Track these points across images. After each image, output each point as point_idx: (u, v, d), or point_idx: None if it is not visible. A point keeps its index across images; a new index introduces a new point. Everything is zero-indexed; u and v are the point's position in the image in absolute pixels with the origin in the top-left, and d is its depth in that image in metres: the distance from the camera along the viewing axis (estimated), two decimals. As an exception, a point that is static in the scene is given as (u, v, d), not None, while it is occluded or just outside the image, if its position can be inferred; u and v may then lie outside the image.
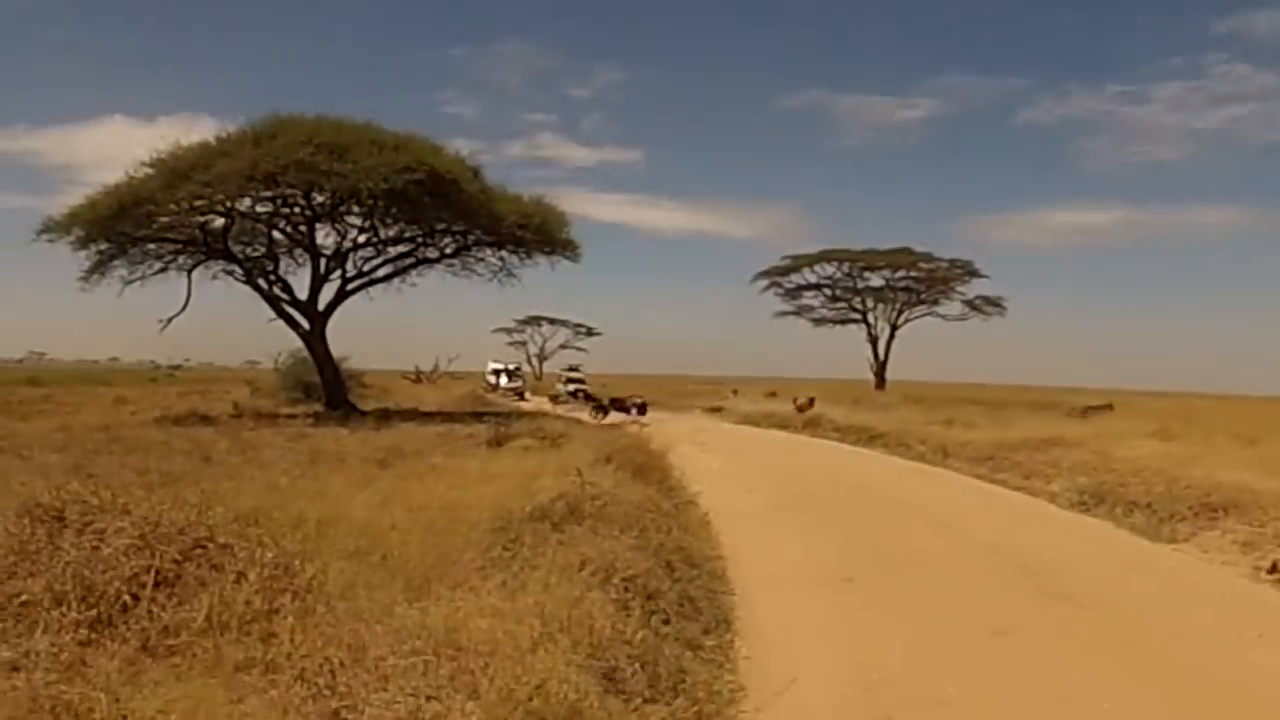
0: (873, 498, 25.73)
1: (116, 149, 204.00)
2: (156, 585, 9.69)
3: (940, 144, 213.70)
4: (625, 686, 9.09)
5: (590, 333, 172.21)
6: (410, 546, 12.23)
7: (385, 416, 46.03)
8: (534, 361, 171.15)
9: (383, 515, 14.14)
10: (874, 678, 11.14)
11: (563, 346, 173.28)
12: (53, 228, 47.69)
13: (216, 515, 11.42)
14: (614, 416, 54.87)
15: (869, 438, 44.68)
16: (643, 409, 50.29)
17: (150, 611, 9.29)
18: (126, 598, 9.44)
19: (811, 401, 61.81)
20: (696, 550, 16.61)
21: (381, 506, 14.95)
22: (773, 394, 77.11)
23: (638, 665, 9.48)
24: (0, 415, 43.97)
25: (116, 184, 47.21)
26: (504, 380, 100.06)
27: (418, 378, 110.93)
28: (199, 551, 10.36)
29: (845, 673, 11.38)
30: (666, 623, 11.51)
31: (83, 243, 48.30)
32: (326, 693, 7.83)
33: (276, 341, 74.78)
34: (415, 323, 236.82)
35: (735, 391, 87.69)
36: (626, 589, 11.47)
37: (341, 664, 8.21)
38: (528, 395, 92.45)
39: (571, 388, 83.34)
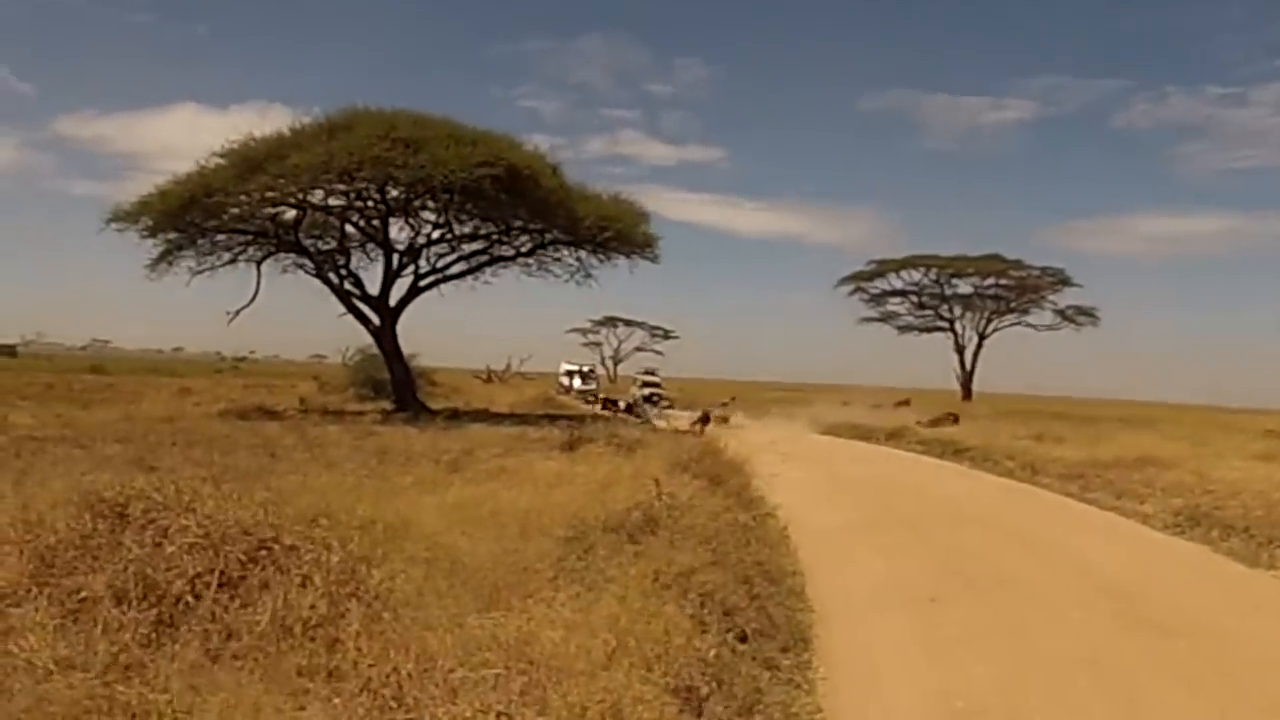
0: (958, 515, 25.43)
1: (186, 137, 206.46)
2: (220, 586, 9.73)
3: (1033, 147, 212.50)
4: (701, 706, 9.04)
5: (667, 335, 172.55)
6: (481, 554, 12.23)
7: (455, 416, 46.39)
8: (608, 364, 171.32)
9: (453, 520, 14.12)
10: (958, 705, 11.01)
11: (638, 349, 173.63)
12: (122, 216, 48.31)
13: (283, 516, 11.46)
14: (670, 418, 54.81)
15: (954, 451, 44.25)
16: (705, 419, 49.83)
17: (213, 613, 9.33)
18: (189, 598, 9.49)
19: (953, 418, 59.18)
20: (775, 566, 16.55)
21: (451, 511, 14.94)
22: (845, 403, 76.67)
23: (714, 684, 9.44)
24: (62, 403, 44.58)
25: (187, 173, 47.90)
26: (578, 383, 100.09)
27: (489, 377, 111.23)
28: (264, 553, 10.39)
29: (927, 698, 11.26)
30: (744, 640, 11.48)
31: (151, 232, 48.98)
32: (393, 704, 7.84)
33: (345, 337, 75.07)
34: (487, 321, 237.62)
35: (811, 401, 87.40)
36: (703, 604, 11.44)
37: (409, 674, 8.21)
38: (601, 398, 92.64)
39: (647, 392, 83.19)
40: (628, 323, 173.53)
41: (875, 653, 13.00)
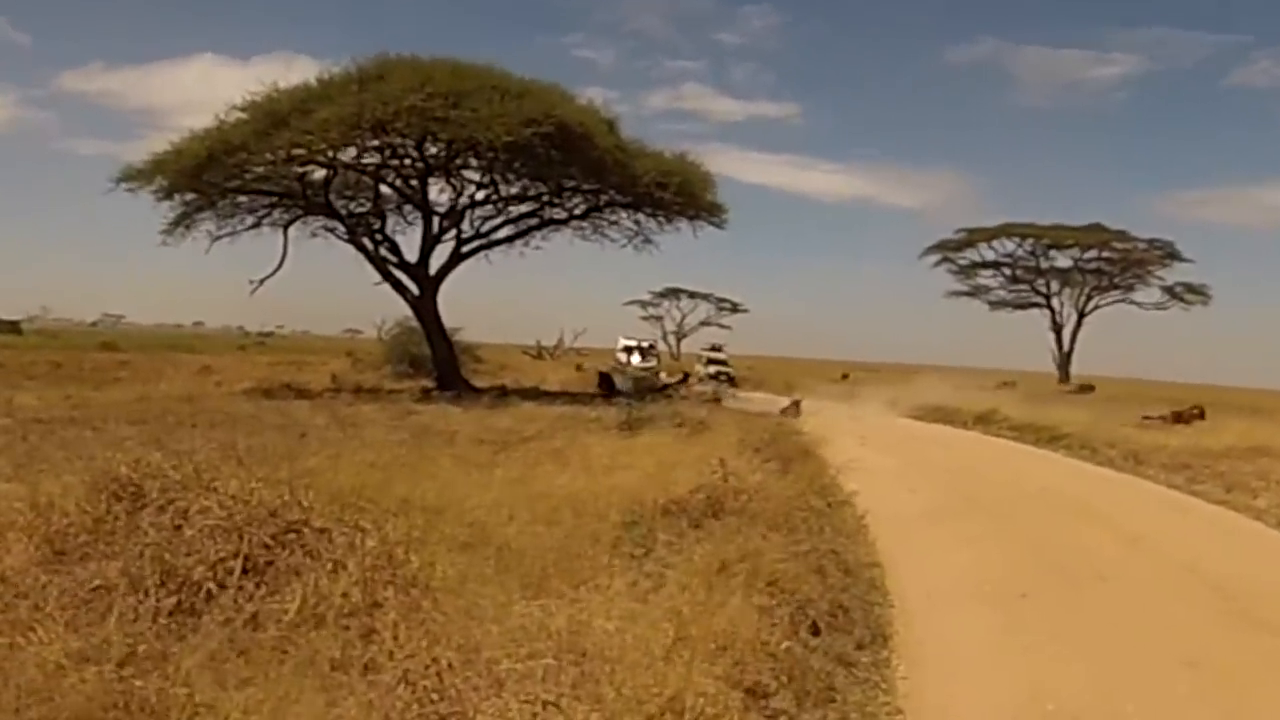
0: (1052, 505, 25.33)
1: (204, 91, 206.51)
2: (244, 572, 9.86)
3: (1139, 106, 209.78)
4: (769, 703, 9.07)
5: (734, 308, 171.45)
6: (529, 539, 12.36)
7: (502, 394, 46.29)
8: (670, 339, 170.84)
9: (498, 503, 14.22)
10: (1048, 708, 10.98)
11: (703, 324, 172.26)
12: (134, 176, 48.40)
13: (312, 497, 11.55)
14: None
15: (1050, 438, 43.87)
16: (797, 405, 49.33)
17: (237, 601, 9.45)
18: (211, 585, 9.61)
19: (1198, 413, 49.59)
20: (851, 555, 16.62)
21: (497, 493, 15.05)
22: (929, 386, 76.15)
23: (783, 679, 9.46)
24: (72, 383, 44.81)
25: (206, 129, 47.57)
26: (636, 359, 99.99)
27: (539, 353, 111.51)
28: (292, 536, 10.52)
29: (1016, 700, 11.23)
30: (816, 634, 11.52)
31: (167, 193, 49.10)
32: (434, 697, 7.88)
33: (381, 308, 75.68)
34: (538, 292, 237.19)
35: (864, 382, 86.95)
36: (772, 595, 11.48)
37: (450, 666, 8.27)
38: (664, 377, 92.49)
39: (713, 370, 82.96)
40: (691, 294, 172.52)
41: (959, 650, 12.98)
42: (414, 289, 53.82)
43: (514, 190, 54.78)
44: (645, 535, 13.06)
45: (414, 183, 54.07)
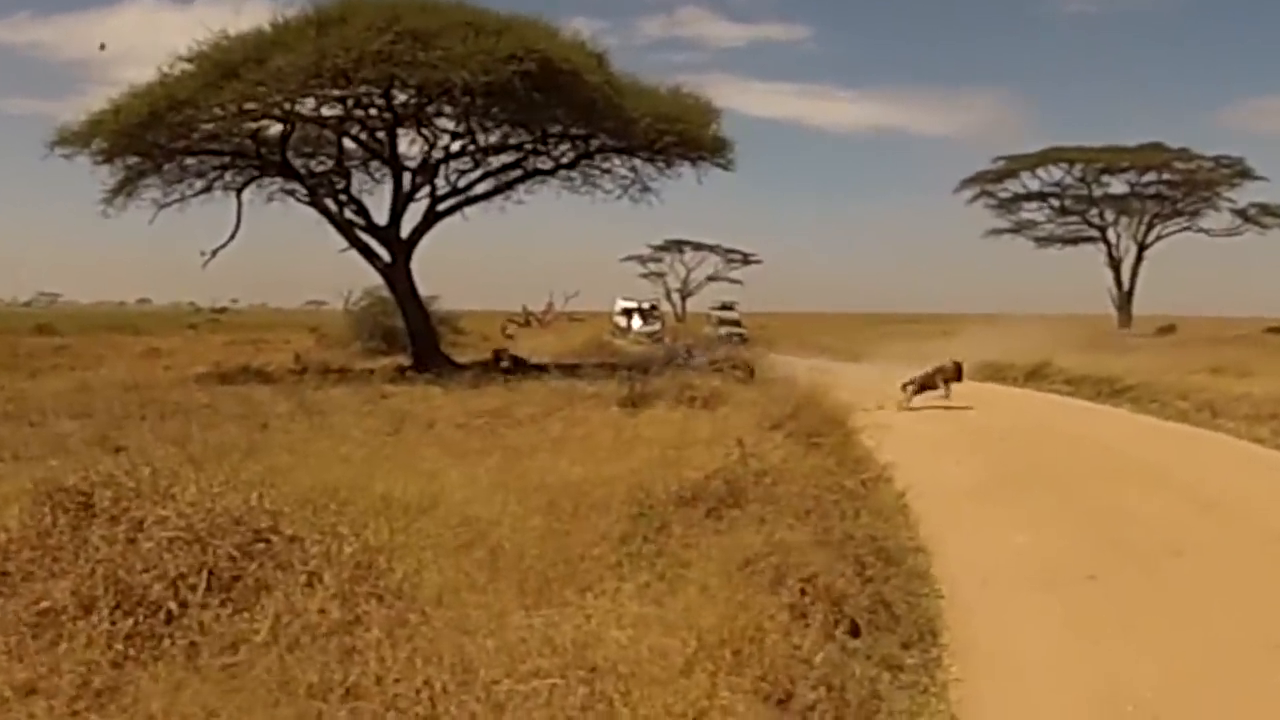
0: (1117, 470, 25.32)
1: (146, 40, 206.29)
2: (208, 588, 9.85)
3: (1203, 5, 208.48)
4: (806, 717, 9.05)
5: (746, 260, 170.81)
6: (526, 538, 12.34)
7: (487, 370, 46.22)
8: (675, 298, 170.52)
9: (490, 498, 14.24)
10: (1128, 709, 10.99)
11: (711, 279, 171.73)
12: (69, 139, 47.83)
13: (281, 499, 11.55)
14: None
15: (1111, 391, 43.73)
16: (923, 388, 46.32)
17: (201, 621, 9.44)
18: (171, 604, 9.60)
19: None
20: (892, 541, 16.60)
21: (488, 487, 15.07)
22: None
23: (821, 690, 9.44)
24: (3, 371, 44.62)
25: (148, 84, 47.10)
26: (637, 322, 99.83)
27: (527, 320, 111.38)
28: (260, 546, 10.52)
29: (1089, 701, 11.24)
30: (856, 635, 11.52)
31: (107, 156, 48.66)
32: (425, 725, 7.88)
33: (348, 278, 75.23)
34: (524, 252, 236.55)
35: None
36: (804, 592, 11.46)
37: (444, 689, 8.28)
38: (668, 341, 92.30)
39: (724, 331, 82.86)
40: (696, 247, 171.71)
41: (1021, 645, 13.01)
42: (384, 254, 53.34)
43: (493, 139, 54.36)
44: (657, 529, 13.03)
45: (381, 135, 53.58)
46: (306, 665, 8.79)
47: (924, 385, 40.29)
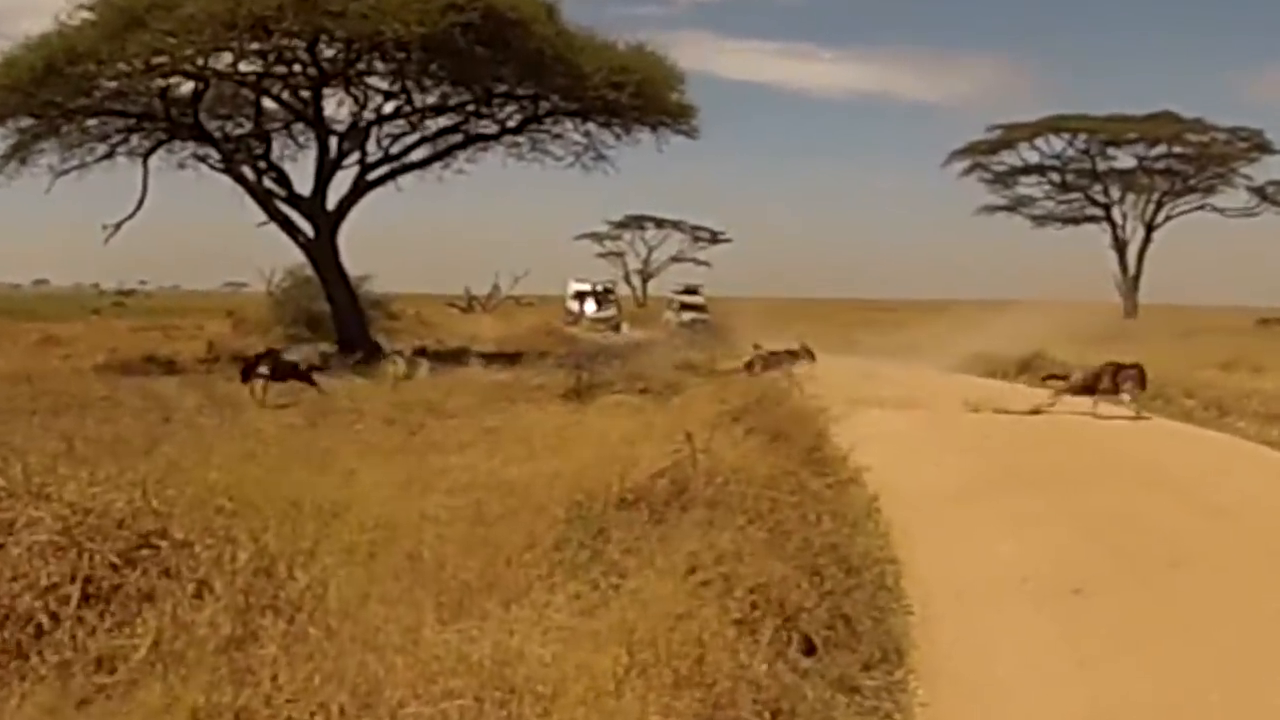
0: (1115, 472, 25.45)
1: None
2: (85, 600, 9.76)
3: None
4: (748, 747, 9.03)
5: (715, 239, 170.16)
6: (448, 544, 12.30)
7: (422, 358, 46.08)
8: (634, 280, 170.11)
9: (411, 500, 14.23)
10: (1114, 740, 11.00)
11: (675, 259, 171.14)
12: (-49, 98, 47.60)
13: (174, 500, 11.48)
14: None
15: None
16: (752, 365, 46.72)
17: (75, 637, 9.34)
18: (42, 618, 9.50)
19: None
20: (857, 549, 16.58)
21: (411, 487, 15.10)
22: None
23: (767, 716, 9.40)
24: None
25: (42, 35, 46.95)
26: (591, 307, 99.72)
27: (469, 305, 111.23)
28: (146, 552, 10.43)
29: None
30: (810, 654, 11.45)
31: (-4, 118, 48.45)
32: (321, 754, 7.84)
33: (270, 255, 75.03)
34: (465, 228, 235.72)
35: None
36: (754, 605, 11.36)
37: (343, 712, 8.23)
38: (625, 328, 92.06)
39: (688, 316, 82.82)
40: (660, 223, 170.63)
41: (998, 667, 12.95)
42: (307, 229, 53.20)
43: (430, 100, 54.10)
44: (594, 534, 12.99)
45: (305, 95, 53.31)
46: (192, 686, 8.66)
47: (1086, 388, 39.38)
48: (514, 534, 12.82)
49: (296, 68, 51.38)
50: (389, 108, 53.99)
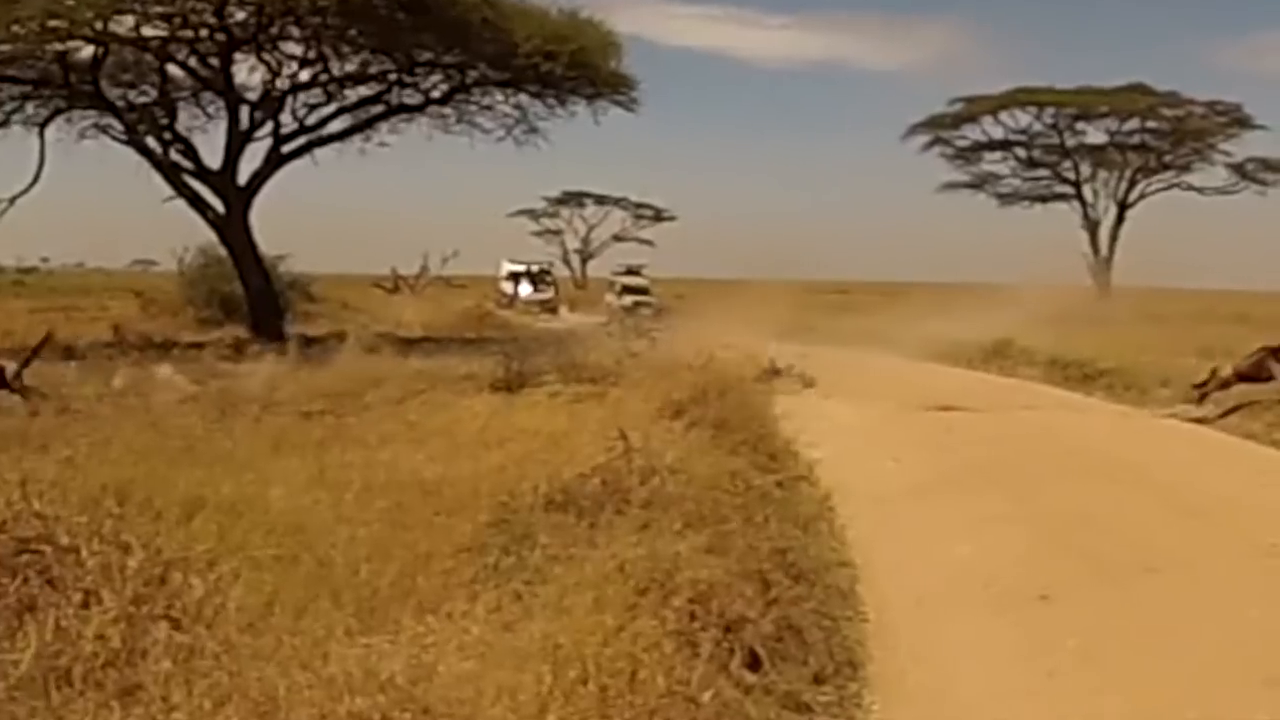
0: (1084, 468, 25.40)
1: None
2: (-44, 611, 9.59)
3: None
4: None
5: (659, 217, 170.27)
6: (361, 549, 12.21)
7: (343, 345, 45.93)
8: (573, 261, 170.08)
9: (324, 500, 14.09)
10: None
11: (617, 238, 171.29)
12: None
13: (60, 501, 11.33)
14: None
15: (1083, 376, 44.05)
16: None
17: (-57, 653, 9.17)
18: (-93, 632, 9.34)
19: None
20: (808, 553, 16.31)
21: (323, 485, 14.94)
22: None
23: (706, 737, 9.29)
24: None
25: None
26: (526, 289, 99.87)
27: (395, 286, 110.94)
28: (25, 559, 10.29)
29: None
30: (755, 668, 11.29)
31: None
32: (213, 781, 7.70)
33: (179, 233, 74.55)
34: (391, 204, 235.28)
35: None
36: (693, 616, 11.21)
37: (239, 733, 8.06)
38: (563, 312, 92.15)
39: (630, 299, 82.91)
40: (600, 200, 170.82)
41: (960, 679, 12.89)
42: (218, 205, 53.06)
43: (350, 68, 54.14)
44: (520, 538, 12.91)
45: (214, 61, 53.06)
46: (76, 706, 8.53)
47: (1247, 377, 37.82)
48: (433, 538, 12.77)
49: (204, 32, 51.12)
50: (304, 76, 54.04)
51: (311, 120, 54.54)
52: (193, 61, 53.27)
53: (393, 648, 9.35)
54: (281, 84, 53.80)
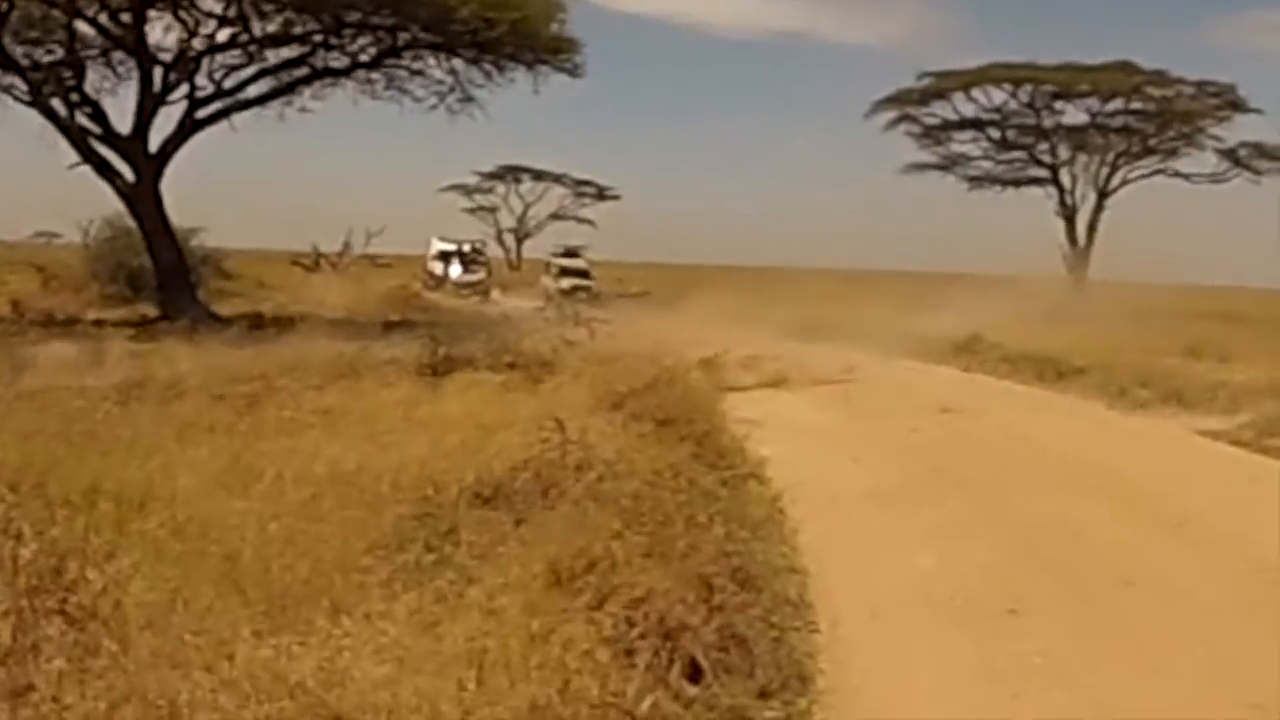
0: (1058, 475, 25.41)
1: None
2: None
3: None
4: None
5: (602, 195, 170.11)
6: (273, 544, 12.14)
7: (259, 326, 45.87)
8: (508, 240, 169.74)
9: (234, 491, 14.08)
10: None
11: (555, 217, 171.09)
12: None
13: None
14: None
15: (1058, 374, 44.06)
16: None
17: None
18: None
19: None
20: (756, 558, 16.32)
21: (233, 475, 14.91)
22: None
23: (642, 753, 9.28)
24: None
25: None
26: (456, 270, 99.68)
27: (316, 264, 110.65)
28: (-91, 550, 10.22)
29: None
30: (696, 680, 11.27)
31: None
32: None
33: (84, 203, 74.18)
34: (314, 176, 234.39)
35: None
36: (629, 622, 11.21)
37: (136, 742, 8.03)
38: (496, 295, 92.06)
39: (568, 283, 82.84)
40: (539, 176, 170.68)
41: (917, 698, 12.86)
42: (127, 173, 52.74)
43: (271, 28, 53.94)
44: (444, 534, 12.88)
45: (126, 19, 52.79)
46: (-40, 711, 8.52)
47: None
48: (351, 533, 12.72)
49: (115, -13, 50.85)
50: (223, 35, 53.85)
51: (229, 83, 54.40)
52: (103, 18, 52.99)
53: (303, 650, 9.31)
54: (198, 44, 53.68)
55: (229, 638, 9.55)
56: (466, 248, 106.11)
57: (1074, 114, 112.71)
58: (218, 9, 52.55)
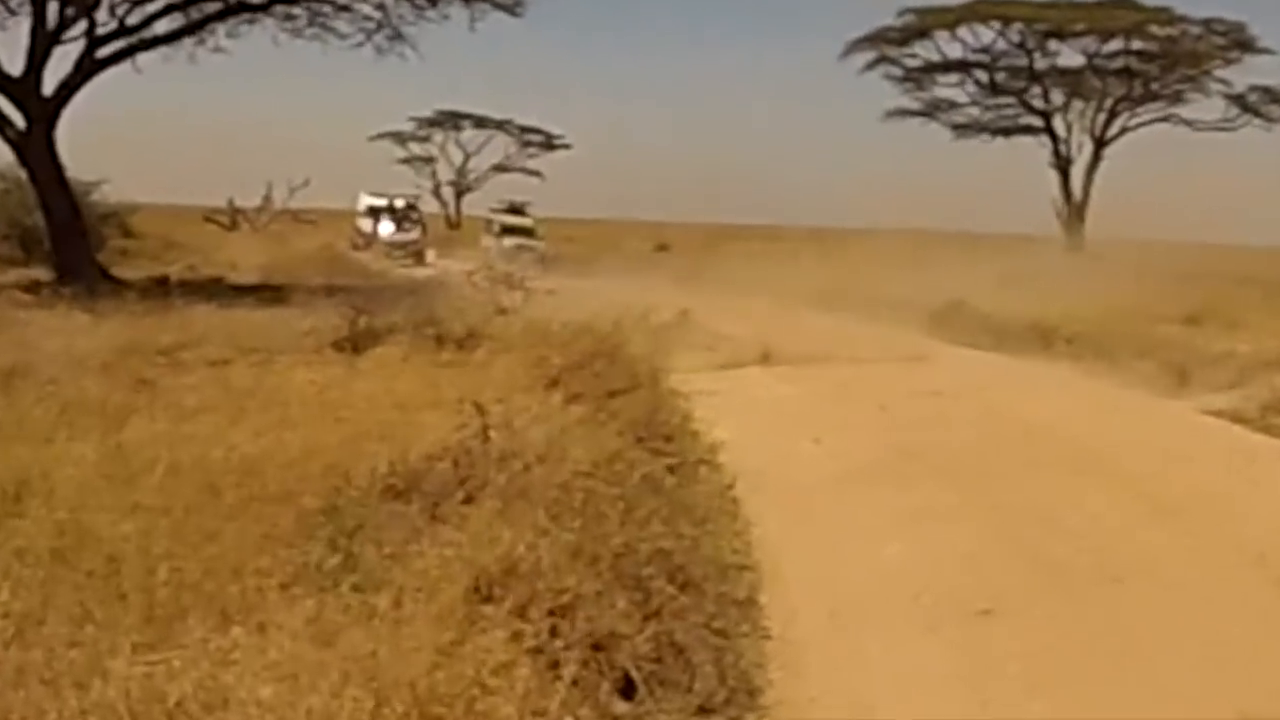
0: (1041, 456, 25.45)
1: None
2: None
3: None
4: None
5: (550, 144, 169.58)
6: (161, 543, 12.03)
7: (164, 292, 45.61)
8: (446, 195, 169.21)
9: (119, 482, 13.96)
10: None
11: (499, 168, 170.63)
12: None
13: None
14: None
15: (1045, 343, 44.11)
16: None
17: None
18: None
19: None
20: (699, 555, 16.15)
21: (119, 464, 14.82)
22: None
23: (564, 781, 9.22)
24: None
25: None
26: (388, 228, 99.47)
27: (233, 222, 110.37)
28: None
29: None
30: (629, 695, 11.22)
31: None
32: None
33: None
34: (228, 124, 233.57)
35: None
36: (554, 631, 11.13)
37: (-11, 773, 7.96)
38: (431, 256, 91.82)
39: (512, 242, 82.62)
40: (480, 123, 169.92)
41: (879, 710, 12.86)
42: (18, 119, 52.42)
43: (181, -43, 53.49)
44: (350, 532, 12.79)
45: (15, -52, 52.50)
46: None
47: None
48: (248, 531, 12.62)
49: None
50: (125, -33, 53.33)
51: (134, 19, 53.88)
52: (-12, -51, 52.68)
53: (187, 664, 9.21)
54: (96, -23, 53.24)
55: (104, 651, 9.46)
56: (399, 203, 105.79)
57: (1069, 55, 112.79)
58: (120, -61, 52.24)
